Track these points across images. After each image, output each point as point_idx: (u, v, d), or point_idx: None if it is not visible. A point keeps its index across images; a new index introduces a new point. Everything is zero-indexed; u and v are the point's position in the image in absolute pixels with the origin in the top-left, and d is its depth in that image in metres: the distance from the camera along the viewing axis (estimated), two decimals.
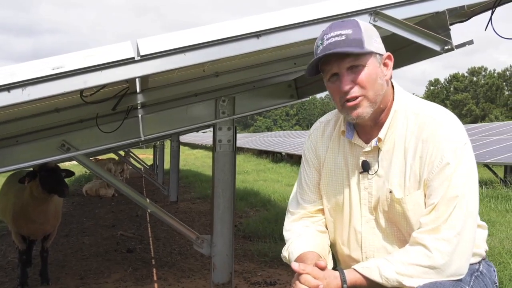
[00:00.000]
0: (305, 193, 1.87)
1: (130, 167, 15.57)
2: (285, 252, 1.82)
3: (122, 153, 15.49)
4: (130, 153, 16.39)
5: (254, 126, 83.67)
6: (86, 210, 9.83)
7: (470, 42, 2.46)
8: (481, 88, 63.03)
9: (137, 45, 2.09)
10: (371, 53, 1.59)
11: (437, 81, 71.42)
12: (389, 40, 2.58)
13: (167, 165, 13.13)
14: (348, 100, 1.59)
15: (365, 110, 1.60)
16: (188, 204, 10.29)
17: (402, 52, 2.74)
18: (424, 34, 2.43)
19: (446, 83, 69.61)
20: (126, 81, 2.74)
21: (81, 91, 2.73)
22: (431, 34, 2.43)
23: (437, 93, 68.41)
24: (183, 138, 34.92)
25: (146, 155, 27.02)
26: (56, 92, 2.03)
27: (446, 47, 2.44)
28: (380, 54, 1.62)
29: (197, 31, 2.14)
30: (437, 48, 2.45)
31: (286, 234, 1.88)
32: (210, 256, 4.37)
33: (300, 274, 1.56)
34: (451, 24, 2.50)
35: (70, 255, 5.99)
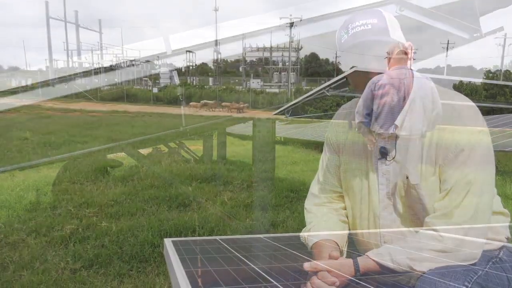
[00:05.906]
0: (326, 177, 1.91)
1: None
2: (305, 233, 1.87)
3: None
4: None
5: None
6: None
7: (500, 29, 2.43)
8: None
9: None
10: (396, 43, 1.60)
11: None
12: (416, 30, 2.58)
13: None
14: (375, 89, 1.60)
15: (392, 98, 1.60)
16: None
17: (431, 41, 2.72)
18: (452, 22, 2.41)
19: None
20: None
21: None
22: (460, 23, 2.41)
23: None
24: None
25: None
26: None
27: (475, 35, 2.42)
28: (402, 44, 1.64)
29: None
30: (465, 36, 2.43)
31: (308, 215, 1.93)
32: None
33: (316, 271, 1.62)
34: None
35: None
